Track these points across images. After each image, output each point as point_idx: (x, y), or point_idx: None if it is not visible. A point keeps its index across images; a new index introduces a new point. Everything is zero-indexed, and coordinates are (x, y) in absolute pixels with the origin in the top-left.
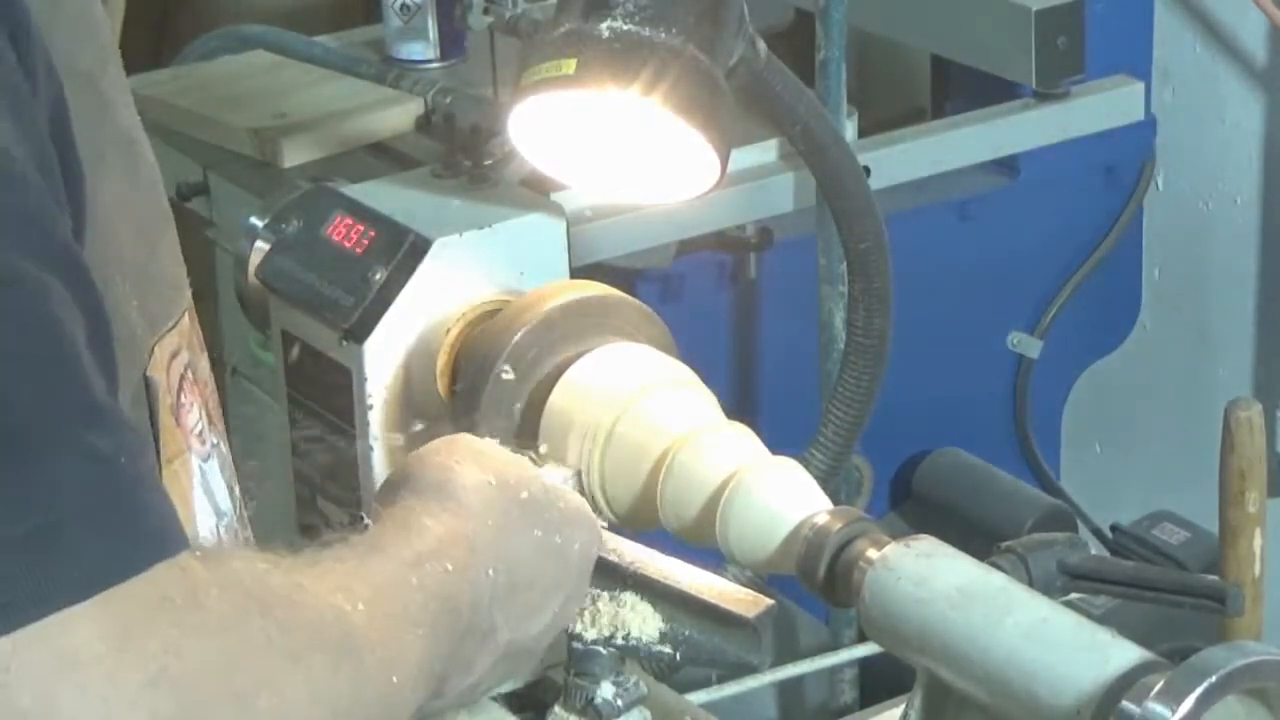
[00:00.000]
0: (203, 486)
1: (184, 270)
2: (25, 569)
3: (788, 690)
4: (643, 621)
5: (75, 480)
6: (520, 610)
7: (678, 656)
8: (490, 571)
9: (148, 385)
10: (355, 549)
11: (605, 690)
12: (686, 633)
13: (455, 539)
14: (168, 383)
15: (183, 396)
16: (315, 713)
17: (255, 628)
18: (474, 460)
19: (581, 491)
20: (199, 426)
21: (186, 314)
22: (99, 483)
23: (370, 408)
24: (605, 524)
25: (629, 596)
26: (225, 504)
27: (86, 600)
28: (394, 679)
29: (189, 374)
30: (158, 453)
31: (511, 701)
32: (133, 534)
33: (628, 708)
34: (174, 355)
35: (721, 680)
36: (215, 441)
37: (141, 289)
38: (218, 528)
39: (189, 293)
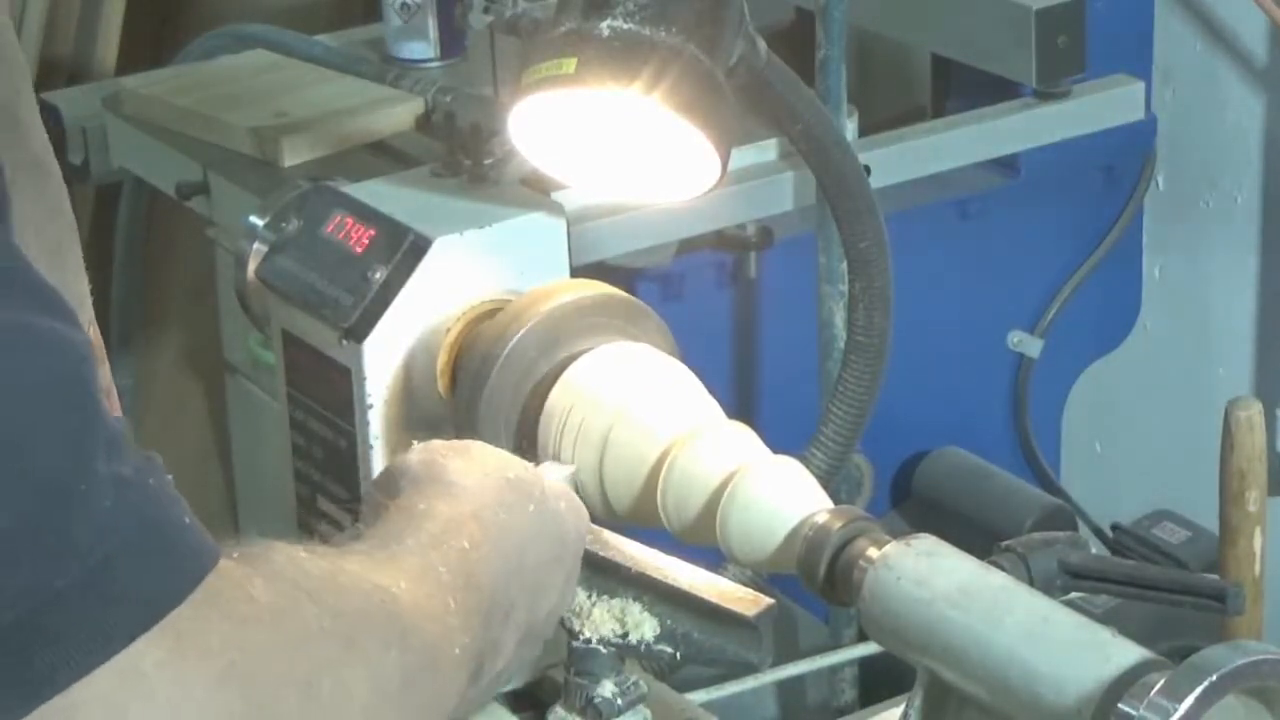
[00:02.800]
0: None
1: (87, 286)
2: (85, 616)
3: (788, 690)
4: (642, 621)
5: (113, 516)
6: (531, 586)
7: (678, 656)
8: (500, 547)
9: None
10: (372, 540)
11: (605, 689)
12: (686, 632)
13: (462, 519)
14: None
15: None
16: (373, 696)
17: (308, 614)
18: (455, 453)
19: (578, 491)
20: None
21: (91, 328)
22: (134, 512)
23: (370, 407)
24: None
25: (629, 596)
26: None
27: (149, 632)
28: (438, 658)
29: None
30: None
31: (511, 701)
32: (177, 554)
33: (628, 707)
34: None
35: (721, 680)
36: None
37: None
38: None
39: (90, 302)
